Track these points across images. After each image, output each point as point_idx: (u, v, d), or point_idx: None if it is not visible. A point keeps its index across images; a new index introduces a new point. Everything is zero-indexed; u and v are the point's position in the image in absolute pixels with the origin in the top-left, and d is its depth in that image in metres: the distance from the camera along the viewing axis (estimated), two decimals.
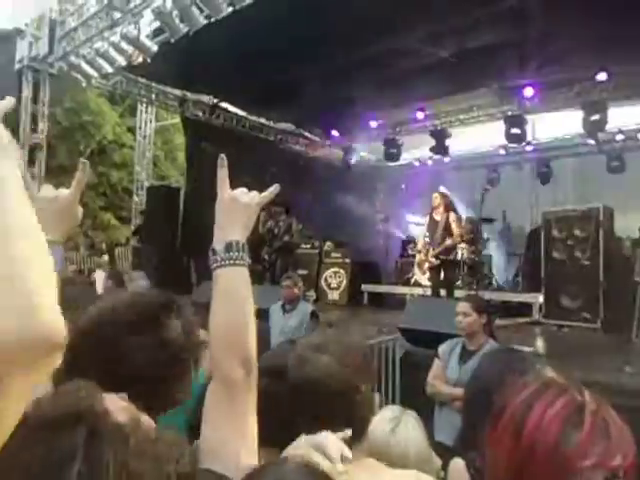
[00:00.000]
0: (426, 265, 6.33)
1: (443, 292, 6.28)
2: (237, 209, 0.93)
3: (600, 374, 3.86)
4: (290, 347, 1.33)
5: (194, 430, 0.89)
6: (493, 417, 0.81)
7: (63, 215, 0.97)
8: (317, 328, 4.42)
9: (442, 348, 3.23)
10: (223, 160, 0.97)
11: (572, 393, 0.77)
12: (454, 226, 6.05)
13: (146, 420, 0.61)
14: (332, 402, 1.03)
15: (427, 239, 6.31)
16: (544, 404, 0.75)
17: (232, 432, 0.81)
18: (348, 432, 0.89)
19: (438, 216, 6.18)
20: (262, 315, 5.30)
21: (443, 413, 2.99)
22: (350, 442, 0.93)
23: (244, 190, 0.96)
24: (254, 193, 0.96)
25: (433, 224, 6.24)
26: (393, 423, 1.38)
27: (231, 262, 0.88)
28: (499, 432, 0.78)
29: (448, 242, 6.00)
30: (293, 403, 1.05)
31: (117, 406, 0.59)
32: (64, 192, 0.99)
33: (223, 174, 0.96)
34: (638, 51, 6.52)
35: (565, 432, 0.72)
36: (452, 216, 6.10)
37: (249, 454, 0.80)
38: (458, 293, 6.25)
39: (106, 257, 12.98)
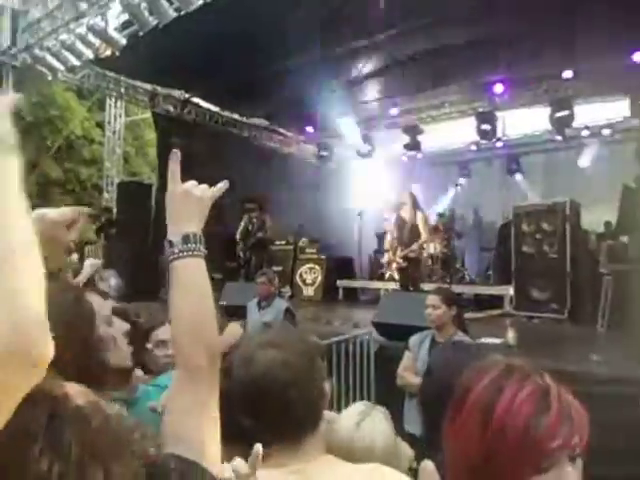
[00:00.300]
0: (394, 265, 6.34)
1: (392, 285, 6.35)
2: (191, 202, 0.93)
3: (568, 363, 3.98)
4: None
5: None
6: (453, 405, 0.81)
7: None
8: (292, 324, 4.43)
9: (412, 340, 3.29)
10: (176, 154, 0.97)
11: (535, 378, 0.78)
12: (421, 227, 6.06)
13: (106, 405, 0.60)
14: (278, 397, 0.98)
15: (395, 237, 6.31)
16: (513, 389, 0.76)
17: (196, 419, 0.80)
18: (257, 446, 0.84)
19: (406, 214, 6.18)
20: (237, 312, 5.27)
21: (413, 404, 3.04)
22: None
23: (194, 183, 0.96)
24: (204, 186, 0.96)
25: (401, 222, 6.23)
26: (359, 417, 1.37)
27: (189, 253, 0.89)
28: (463, 419, 0.78)
29: (414, 247, 5.99)
30: (239, 402, 1.01)
31: (76, 390, 0.58)
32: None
33: (174, 167, 0.96)
34: (602, 49, 6.72)
35: (535, 416, 0.73)
36: (419, 216, 6.09)
37: (213, 442, 0.81)
38: (430, 287, 6.34)
39: (75, 256, 12.63)
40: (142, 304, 2.00)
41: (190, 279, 0.89)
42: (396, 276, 6.48)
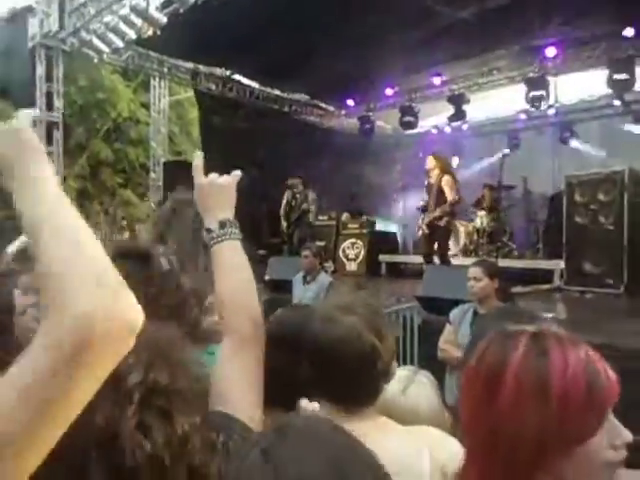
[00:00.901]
0: (419, 232, 6.17)
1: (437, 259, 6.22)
2: (218, 191, 1.04)
3: (623, 339, 3.81)
4: (296, 312, 1.33)
5: None
6: (488, 381, 0.76)
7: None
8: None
9: (453, 313, 3.26)
10: (199, 157, 1.09)
11: (569, 340, 0.77)
12: (447, 191, 5.86)
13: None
14: (353, 364, 1.02)
15: (425, 204, 6.17)
16: (557, 354, 0.74)
17: (242, 383, 0.88)
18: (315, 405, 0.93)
19: (433, 179, 6.02)
20: (282, 286, 5.35)
21: (453, 377, 3.02)
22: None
23: (216, 175, 1.06)
24: (225, 176, 1.07)
25: (429, 188, 6.09)
26: (405, 382, 1.38)
27: (227, 237, 1.00)
28: (507, 393, 0.73)
29: (437, 212, 5.83)
30: (312, 363, 1.06)
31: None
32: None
33: (198, 163, 1.07)
34: None
35: (590, 376, 0.73)
36: (445, 179, 5.88)
37: (257, 406, 0.89)
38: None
39: (127, 234, 13.17)
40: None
41: (230, 259, 0.99)
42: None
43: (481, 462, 0.77)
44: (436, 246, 6.16)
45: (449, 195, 5.86)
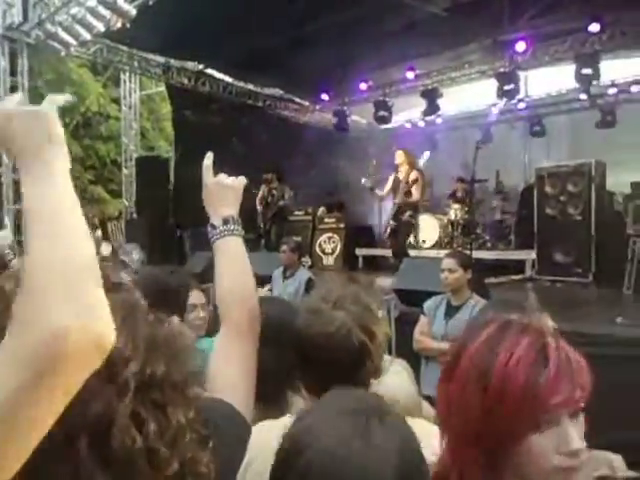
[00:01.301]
0: (389, 229, 6.18)
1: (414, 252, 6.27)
2: (224, 190, 1.09)
3: (593, 326, 3.94)
4: (278, 306, 1.32)
5: None
6: (448, 365, 0.80)
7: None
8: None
9: (427, 304, 3.32)
10: (209, 157, 1.12)
11: (533, 331, 0.75)
12: (414, 189, 5.94)
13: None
14: (341, 361, 1.01)
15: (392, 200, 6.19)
16: (510, 343, 0.73)
17: (238, 369, 0.92)
18: None
19: (401, 174, 6.07)
20: (261, 282, 5.33)
21: (429, 367, 3.08)
22: None
23: (225, 175, 1.12)
24: (233, 177, 1.13)
25: (395, 182, 6.12)
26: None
27: (229, 233, 1.04)
28: (459, 378, 0.76)
29: (403, 204, 5.91)
30: (298, 357, 1.05)
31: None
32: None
33: (208, 163, 1.11)
34: (630, 1, 6.37)
35: (534, 371, 0.71)
36: (413, 174, 5.93)
37: (251, 393, 0.93)
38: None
39: (99, 232, 12.89)
40: (169, 268, 2.06)
41: (231, 253, 1.04)
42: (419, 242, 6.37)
43: (446, 438, 0.80)
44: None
45: (415, 194, 5.94)
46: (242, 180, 1.14)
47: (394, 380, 1.38)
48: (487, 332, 0.77)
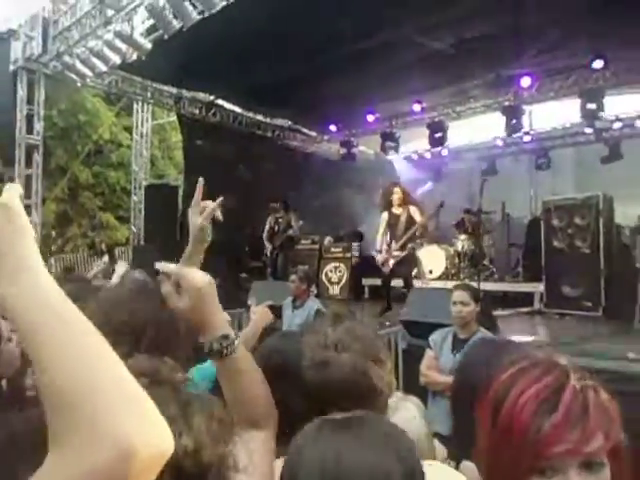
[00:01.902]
0: (391, 262, 6.10)
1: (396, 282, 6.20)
2: (202, 299, 0.98)
3: (603, 361, 3.86)
4: (286, 343, 1.29)
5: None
6: (478, 399, 0.79)
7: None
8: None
9: (433, 338, 3.25)
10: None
11: (557, 373, 0.72)
12: (417, 217, 5.93)
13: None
14: (351, 404, 0.95)
15: (387, 238, 6.10)
16: (524, 384, 0.72)
17: (253, 461, 0.88)
18: None
19: (398, 210, 6.05)
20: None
21: (436, 403, 3.00)
22: None
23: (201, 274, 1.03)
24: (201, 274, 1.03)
25: (394, 219, 6.06)
26: (392, 410, 1.35)
27: (228, 351, 0.96)
28: (480, 413, 0.76)
29: (413, 229, 5.86)
30: (308, 406, 1.02)
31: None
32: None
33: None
34: (634, 38, 6.50)
35: (539, 414, 0.68)
36: (412, 209, 5.96)
37: None
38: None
39: (106, 257, 12.94)
40: None
41: (240, 373, 0.98)
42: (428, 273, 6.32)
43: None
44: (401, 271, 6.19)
45: (419, 218, 5.94)
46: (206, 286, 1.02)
47: (406, 418, 1.34)
48: (511, 370, 0.76)
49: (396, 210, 6.07)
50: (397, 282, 6.50)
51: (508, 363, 0.79)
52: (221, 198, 1.11)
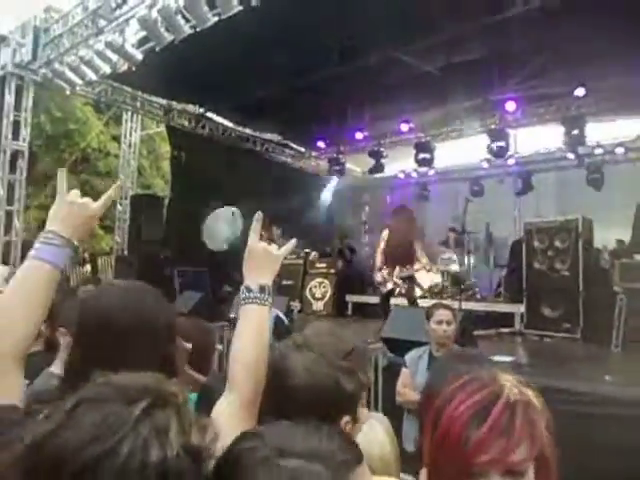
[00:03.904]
0: (389, 285, 6.09)
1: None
2: (268, 259, 1.13)
3: (581, 383, 3.90)
4: None
5: None
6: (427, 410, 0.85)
7: (85, 222, 1.12)
8: (284, 334, 4.40)
9: (409, 356, 3.26)
10: (260, 216, 1.19)
11: (491, 388, 0.77)
12: (419, 251, 5.93)
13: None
14: (311, 403, 0.98)
15: (389, 259, 6.08)
16: (461, 397, 0.77)
17: None
18: None
19: (404, 239, 6.00)
20: None
21: (409, 421, 3.00)
22: None
23: (270, 245, 1.17)
24: (275, 246, 1.18)
25: (398, 245, 6.00)
26: None
27: (262, 301, 1.08)
28: (426, 422, 0.82)
29: (416, 266, 5.88)
30: (270, 403, 1.02)
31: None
32: (93, 203, 1.14)
33: (257, 227, 1.18)
34: (614, 67, 6.72)
35: (470, 426, 0.73)
36: (418, 243, 5.96)
37: None
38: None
39: (88, 266, 12.78)
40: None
41: (257, 321, 1.06)
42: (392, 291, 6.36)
43: None
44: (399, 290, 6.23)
45: (422, 258, 5.94)
46: (289, 246, 1.20)
47: (370, 435, 1.34)
48: (455, 384, 0.81)
49: (402, 238, 5.95)
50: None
51: (452, 378, 0.83)
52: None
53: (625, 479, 2.93)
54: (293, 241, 1.22)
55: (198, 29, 5.54)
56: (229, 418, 0.94)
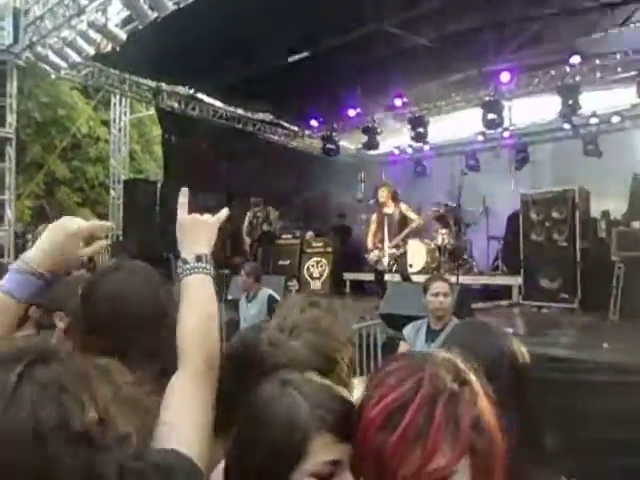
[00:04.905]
0: (385, 260, 6.12)
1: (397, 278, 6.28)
2: (199, 227, 1.07)
3: (579, 351, 3.92)
4: (251, 334, 1.26)
5: None
6: None
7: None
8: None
9: (407, 330, 3.26)
10: (185, 191, 1.11)
11: (415, 377, 0.64)
12: (411, 215, 6.03)
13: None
14: None
15: (379, 235, 6.18)
16: (381, 392, 0.65)
17: (193, 417, 0.87)
18: None
19: (390, 209, 6.10)
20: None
21: None
22: None
23: (198, 215, 1.10)
24: (208, 215, 1.11)
25: (385, 218, 6.10)
26: (350, 389, 1.33)
27: (200, 271, 1.02)
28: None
29: (413, 225, 5.95)
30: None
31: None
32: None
33: (183, 200, 1.10)
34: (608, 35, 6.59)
35: (383, 432, 0.62)
36: (403, 207, 6.06)
37: (206, 440, 0.87)
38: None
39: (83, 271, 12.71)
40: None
41: (198, 293, 1.01)
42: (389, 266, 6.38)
43: None
44: (395, 267, 6.26)
45: (417, 219, 6.04)
46: (221, 215, 1.12)
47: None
48: (388, 365, 0.70)
49: (387, 209, 6.11)
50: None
51: (394, 357, 0.74)
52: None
53: (624, 445, 2.95)
54: (224, 210, 1.13)
55: (182, 5, 5.39)
56: (178, 391, 0.89)
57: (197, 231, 1.06)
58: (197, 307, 0.99)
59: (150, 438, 0.68)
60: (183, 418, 0.85)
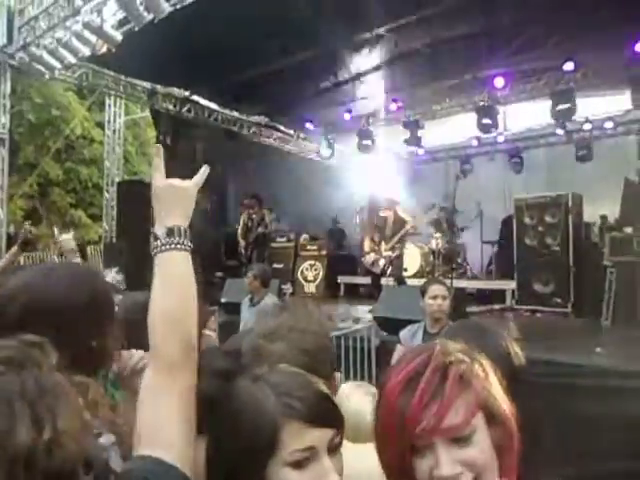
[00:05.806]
0: (381, 262, 6.21)
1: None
2: (175, 194, 0.92)
3: (572, 356, 3.93)
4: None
5: None
6: None
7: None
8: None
9: (403, 333, 3.27)
10: (159, 149, 0.98)
11: (425, 354, 0.74)
12: (405, 216, 6.16)
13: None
14: None
15: (375, 238, 6.28)
16: (396, 370, 0.74)
17: (173, 417, 0.77)
18: None
19: (385, 212, 6.19)
20: (237, 309, 5.24)
21: None
22: None
23: (177, 180, 0.95)
24: (189, 181, 0.96)
25: (380, 221, 6.24)
26: (345, 397, 1.34)
27: (173, 246, 0.88)
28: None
29: (407, 227, 6.03)
30: None
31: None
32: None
33: (158, 162, 0.96)
34: (603, 41, 6.64)
35: (403, 396, 0.70)
36: (398, 209, 6.18)
37: (190, 441, 0.78)
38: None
39: (78, 255, 12.62)
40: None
41: (172, 272, 0.87)
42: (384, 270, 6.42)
43: None
44: (390, 270, 6.30)
45: (410, 220, 6.16)
46: (197, 179, 0.97)
47: (363, 398, 1.34)
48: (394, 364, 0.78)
49: (382, 212, 6.20)
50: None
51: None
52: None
53: (617, 450, 2.96)
54: (204, 168, 0.99)
55: (178, 7, 5.38)
56: (153, 389, 0.79)
57: (173, 199, 0.91)
58: (169, 288, 0.85)
59: (129, 452, 0.65)
60: (162, 419, 0.76)
